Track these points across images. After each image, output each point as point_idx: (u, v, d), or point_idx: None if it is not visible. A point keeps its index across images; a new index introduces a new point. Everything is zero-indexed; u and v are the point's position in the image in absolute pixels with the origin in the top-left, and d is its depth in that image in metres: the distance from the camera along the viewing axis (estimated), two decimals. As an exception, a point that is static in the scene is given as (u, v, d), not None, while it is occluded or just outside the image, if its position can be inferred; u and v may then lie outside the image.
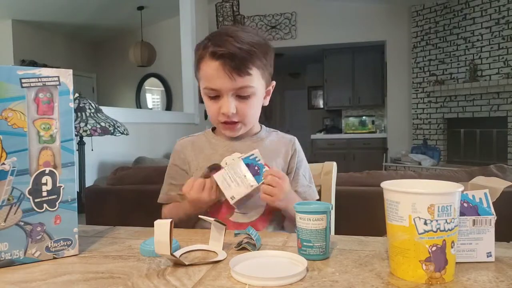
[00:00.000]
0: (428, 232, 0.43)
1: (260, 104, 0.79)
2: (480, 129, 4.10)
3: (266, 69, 0.77)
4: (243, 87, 0.73)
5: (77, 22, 4.70)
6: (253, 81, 0.74)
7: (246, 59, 0.71)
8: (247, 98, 0.75)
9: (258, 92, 0.76)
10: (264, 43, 0.76)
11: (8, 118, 0.51)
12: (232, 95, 0.74)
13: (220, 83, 0.72)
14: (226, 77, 0.72)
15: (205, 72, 0.74)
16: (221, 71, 0.71)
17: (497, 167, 1.44)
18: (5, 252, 0.51)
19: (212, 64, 0.72)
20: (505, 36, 3.80)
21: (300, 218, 0.53)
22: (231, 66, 0.71)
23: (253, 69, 0.73)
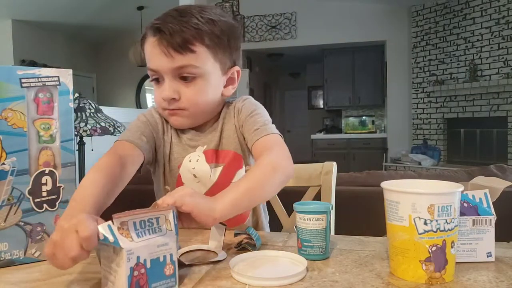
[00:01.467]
0: (428, 232, 0.43)
1: (215, 91, 0.68)
2: (480, 129, 4.10)
3: (222, 49, 0.66)
4: (183, 66, 0.63)
5: (77, 22, 4.70)
6: (198, 60, 0.63)
7: (188, 34, 0.61)
8: (191, 81, 0.64)
9: (208, 74, 0.65)
10: (226, 21, 0.66)
11: (8, 118, 0.51)
12: (174, 77, 0.64)
13: (158, 62, 0.63)
14: (162, 55, 0.62)
15: (146, 50, 0.66)
16: (157, 48, 0.62)
17: (497, 167, 1.44)
18: (5, 252, 0.51)
19: (150, 40, 0.64)
20: (505, 36, 3.80)
21: (300, 218, 0.53)
22: (167, 41, 0.61)
23: (198, 46, 0.63)
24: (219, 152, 0.72)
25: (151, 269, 0.40)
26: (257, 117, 0.70)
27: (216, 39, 0.65)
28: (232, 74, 0.71)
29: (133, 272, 0.39)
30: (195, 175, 0.71)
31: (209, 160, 0.71)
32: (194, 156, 0.71)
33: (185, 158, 0.71)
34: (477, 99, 4.03)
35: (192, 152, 0.72)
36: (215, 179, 0.71)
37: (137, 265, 0.39)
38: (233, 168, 0.72)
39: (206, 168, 0.71)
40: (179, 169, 0.72)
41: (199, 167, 0.71)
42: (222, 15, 0.68)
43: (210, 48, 0.64)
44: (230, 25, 0.68)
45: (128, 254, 0.39)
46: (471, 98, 4.09)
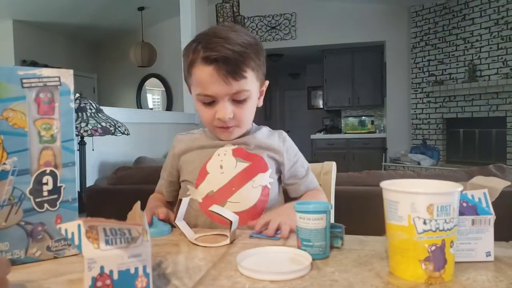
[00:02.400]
0: (427, 231, 0.43)
1: (254, 106, 0.78)
2: (479, 129, 4.11)
3: (260, 69, 0.76)
4: (239, 92, 0.71)
5: (78, 23, 4.70)
6: (248, 84, 0.72)
7: (240, 61, 0.69)
8: (243, 102, 0.73)
9: (253, 94, 0.75)
10: (255, 42, 0.74)
11: (9, 118, 0.51)
12: (228, 99, 0.72)
13: (216, 89, 0.70)
14: (221, 82, 0.69)
15: (198, 78, 0.72)
16: (215, 77, 0.69)
17: (496, 167, 1.45)
18: (6, 252, 0.51)
19: (205, 70, 0.70)
20: (504, 37, 3.80)
21: (299, 217, 0.53)
22: (226, 70, 0.69)
23: (248, 71, 0.71)
24: (249, 153, 0.78)
25: (119, 281, 0.37)
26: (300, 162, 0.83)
27: (258, 61, 0.74)
28: (262, 87, 0.81)
29: (95, 283, 0.36)
30: (222, 166, 0.77)
31: (236, 155, 0.77)
32: (222, 151, 0.78)
33: (215, 153, 0.78)
34: (476, 99, 4.04)
35: (221, 148, 0.79)
36: (237, 172, 0.76)
37: (100, 276, 0.36)
38: (258, 169, 0.78)
39: (232, 160, 0.77)
40: (207, 163, 0.78)
41: (226, 160, 0.77)
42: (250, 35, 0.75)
43: (254, 71, 0.74)
44: (259, 44, 0.76)
45: (89, 263, 0.36)
46: (470, 98, 4.09)
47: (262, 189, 0.77)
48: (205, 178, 0.77)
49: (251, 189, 0.76)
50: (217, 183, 0.76)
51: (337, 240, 0.56)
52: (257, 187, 0.76)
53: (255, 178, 0.76)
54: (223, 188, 0.75)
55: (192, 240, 0.60)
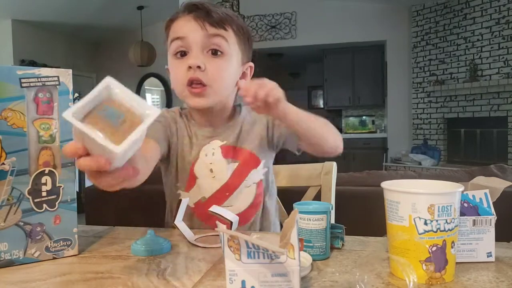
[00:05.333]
0: (428, 232, 0.43)
1: (233, 76, 0.70)
2: (480, 129, 4.10)
3: (243, 41, 0.71)
4: (215, 35, 0.66)
5: (77, 22, 4.70)
6: (229, 39, 0.67)
7: (222, 17, 0.66)
8: (219, 56, 0.66)
9: (232, 57, 0.68)
10: (243, 23, 0.72)
11: (8, 118, 0.51)
12: (203, 50, 0.66)
13: (188, 31, 0.66)
14: (197, 27, 0.65)
15: (175, 26, 0.68)
16: (192, 22, 0.66)
17: (497, 167, 1.44)
18: (4, 252, 0.51)
19: (183, 18, 0.67)
20: (505, 36, 3.79)
21: (300, 218, 0.53)
22: (204, 16, 0.65)
23: (228, 29, 0.67)
24: (236, 149, 0.73)
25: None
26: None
27: (241, 30, 0.70)
28: (246, 69, 0.74)
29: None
30: (212, 170, 0.71)
31: (225, 155, 0.72)
32: (209, 150, 0.72)
33: (201, 152, 0.72)
34: (477, 99, 4.03)
35: (207, 145, 0.72)
36: (229, 175, 0.72)
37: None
38: (248, 166, 0.73)
39: (223, 162, 0.72)
40: (194, 165, 0.72)
41: (216, 162, 0.72)
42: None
43: (236, 35, 0.69)
44: (248, 28, 0.74)
45: (230, 275, 0.32)
46: (471, 98, 4.08)
47: (256, 186, 0.73)
48: (195, 183, 0.72)
49: (244, 190, 0.72)
50: (208, 189, 0.72)
51: (337, 241, 0.56)
52: (251, 185, 0.73)
53: (247, 177, 0.73)
54: (216, 194, 0.72)
55: (192, 241, 0.60)
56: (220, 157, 0.72)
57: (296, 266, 0.34)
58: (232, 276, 0.33)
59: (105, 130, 0.31)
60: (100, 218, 1.57)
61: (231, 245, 0.33)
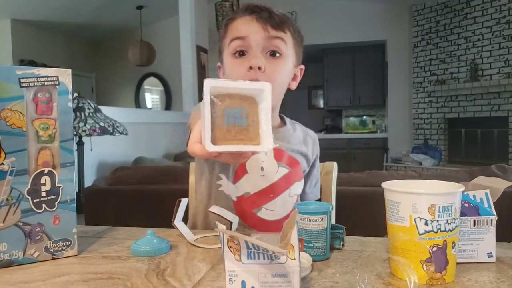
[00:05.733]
0: (429, 232, 0.43)
1: (287, 78, 0.72)
2: (481, 129, 4.10)
3: (298, 43, 0.73)
4: (276, 38, 0.67)
5: (76, 22, 4.70)
6: (287, 41, 0.69)
7: (282, 19, 0.68)
8: (277, 58, 0.68)
9: (288, 58, 0.70)
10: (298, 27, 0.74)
11: (7, 118, 0.51)
12: (262, 50, 0.67)
13: (252, 32, 0.67)
14: (259, 28, 0.66)
15: (235, 26, 0.69)
16: (254, 22, 0.67)
17: (498, 167, 1.44)
18: (4, 253, 0.51)
19: (245, 18, 0.68)
20: (506, 36, 3.79)
21: (300, 218, 0.53)
22: (266, 18, 0.66)
23: (287, 32, 0.69)
24: (291, 158, 0.74)
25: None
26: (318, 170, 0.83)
27: (297, 33, 0.72)
28: (297, 72, 0.76)
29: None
30: (263, 168, 0.72)
31: (277, 158, 0.73)
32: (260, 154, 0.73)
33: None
34: (478, 99, 4.03)
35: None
36: (278, 178, 0.72)
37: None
38: (295, 177, 0.75)
39: (274, 163, 0.73)
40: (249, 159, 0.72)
41: (268, 161, 0.72)
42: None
43: (293, 37, 0.71)
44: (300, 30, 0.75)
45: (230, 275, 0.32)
46: (472, 98, 4.08)
47: (296, 199, 0.75)
48: (243, 177, 0.72)
49: (287, 198, 0.73)
50: (255, 185, 0.71)
51: (338, 241, 0.56)
52: (293, 196, 0.74)
53: (292, 187, 0.74)
54: (261, 192, 0.71)
55: (191, 241, 0.60)
56: (271, 158, 0.73)
57: (296, 266, 0.34)
58: (232, 276, 0.33)
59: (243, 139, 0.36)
60: (99, 219, 1.57)
61: (230, 246, 0.33)
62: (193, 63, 3.47)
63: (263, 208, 0.71)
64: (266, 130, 0.38)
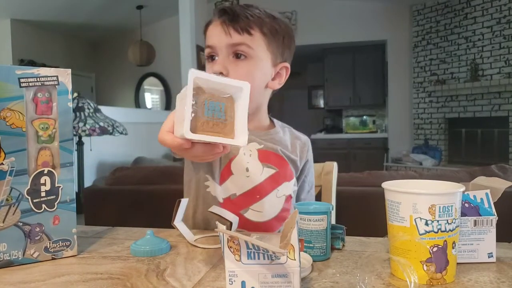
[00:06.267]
0: (429, 232, 0.43)
1: (262, 78, 0.70)
2: (482, 129, 4.10)
3: (276, 42, 0.70)
4: (238, 44, 0.67)
5: (76, 22, 4.70)
6: (253, 42, 0.67)
7: (249, 19, 0.67)
8: (243, 60, 0.68)
9: (259, 60, 0.69)
10: (284, 22, 0.72)
11: (7, 118, 0.51)
12: (227, 55, 0.68)
13: (215, 39, 0.68)
14: (222, 33, 0.67)
15: (209, 31, 0.71)
16: (219, 27, 0.68)
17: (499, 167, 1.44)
18: (3, 253, 0.51)
19: (215, 21, 0.70)
20: (507, 36, 3.79)
21: (300, 218, 0.53)
22: (229, 21, 0.67)
23: (256, 31, 0.68)
24: (278, 156, 0.74)
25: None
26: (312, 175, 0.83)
27: (273, 31, 0.70)
28: (280, 70, 0.74)
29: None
30: (248, 169, 0.72)
31: (261, 159, 0.73)
32: (247, 151, 0.73)
33: (241, 150, 0.73)
34: (478, 99, 4.03)
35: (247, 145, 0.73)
36: (263, 179, 0.72)
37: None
38: (283, 177, 0.74)
39: (258, 165, 0.72)
40: (232, 161, 0.72)
41: (252, 162, 0.72)
42: (282, 17, 0.73)
43: (266, 37, 0.69)
44: (288, 25, 0.73)
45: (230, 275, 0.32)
46: (472, 98, 4.08)
47: (285, 199, 0.74)
48: (229, 178, 0.72)
49: (275, 199, 0.73)
50: (241, 186, 0.72)
51: (338, 241, 0.55)
52: (281, 196, 0.74)
53: (279, 187, 0.73)
54: (247, 193, 0.72)
55: (191, 242, 0.60)
56: (255, 160, 0.72)
57: (297, 267, 0.33)
58: (232, 277, 0.33)
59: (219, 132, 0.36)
60: (99, 219, 1.57)
61: (231, 246, 0.32)
62: (193, 63, 3.47)
63: (250, 210, 0.71)
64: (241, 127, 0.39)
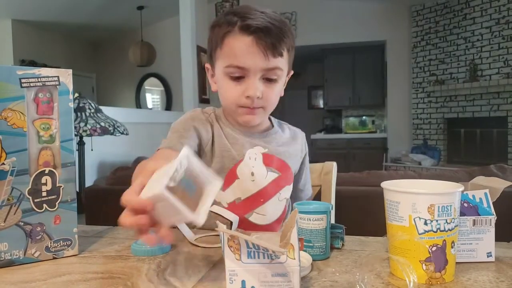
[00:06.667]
0: (428, 232, 0.43)
1: (281, 91, 0.72)
2: (480, 129, 4.10)
3: (292, 52, 0.70)
4: (274, 69, 0.65)
5: (77, 22, 4.70)
6: (283, 63, 0.67)
7: (280, 36, 0.64)
8: (274, 82, 0.67)
9: (283, 77, 0.70)
10: (288, 23, 0.69)
11: (8, 118, 0.51)
12: (260, 77, 0.65)
13: (251, 62, 0.63)
14: (260, 55, 0.63)
15: (233, 47, 0.64)
16: (254, 48, 0.63)
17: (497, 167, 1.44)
18: (5, 252, 0.51)
19: (244, 39, 0.63)
20: (505, 36, 3.79)
21: (300, 218, 0.53)
22: (266, 42, 0.62)
23: (285, 50, 0.66)
24: (282, 162, 0.74)
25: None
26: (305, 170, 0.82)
27: (292, 42, 0.69)
28: (288, 75, 0.74)
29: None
30: (253, 173, 0.71)
31: (266, 163, 0.72)
32: (252, 154, 0.72)
33: (246, 154, 0.72)
34: (477, 99, 4.03)
35: (251, 149, 0.72)
36: (268, 183, 0.72)
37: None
38: (285, 181, 0.74)
39: (263, 169, 0.72)
40: (238, 166, 0.71)
41: (257, 167, 0.72)
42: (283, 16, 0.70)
43: (288, 52, 0.68)
44: (291, 28, 0.71)
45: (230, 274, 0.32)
46: (471, 98, 4.08)
47: (285, 202, 0.74)
48: (234, 182, 0.71)
49: (277, 202, 0.73)
50: (246, 191, 0.71)
51: (337, 241, 0.56)
52: (282, 200, 0.73)
53: (281, 191, 0.73)
54: (252, 197, 0.71)
55: (192, 241, 0.60)
56: (261, 163, 0.72)
57: (296, 266, 0.34)
58: (232, 276, 0.33)
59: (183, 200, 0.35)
60: (100, 218, 1.57)
61: (231, 245, 0.33)
62: (193, 63, 3.47)
63: (254, 213, 0.71)
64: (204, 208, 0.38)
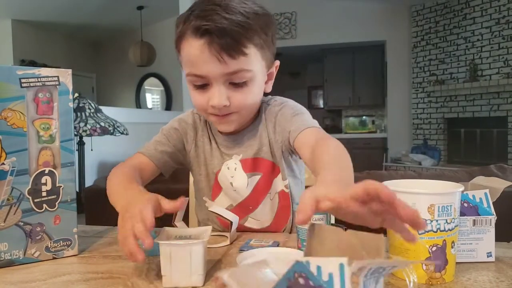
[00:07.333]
0: (428, 232, 0.43)
1: (260, 90, 0.64)
2: (480, 129, 4.10)
3: (267, 46, 0.61)
4: (237, 72, 0.57)
5: (76, 22, 4.70)
6: (251, 63, 0.58)
7: (240, 34, 0.55)
8: (243, 86, 0.59)
9: (258, 77, 0.61)
10: (263, 12, 0.59)
11: (8, 118, 0.51)
12: (224, 82, 0.58)
13: (207, 68, 0.56)
14: (214, 60, 0.55)
15: (187, 53, 0.58)
16: (206, 53, 0.55)
17: (497, 167, 1.45)
18: (4, 252, 0.51)
19: (195, 44, 0.56)
20: (505, 36, 3.79)
21: (300, 218, 0.53)
22: (220, 45, 0.54)
23: (250, 47, 0.57)
24: (258, 160, 0.68)
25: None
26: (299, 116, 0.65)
27: (264, 36, 0.59)
28: (271, 69, 0.66)
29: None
30: (232, 184, 0.68)
31: (246, 169, 0.68)
32: (231, 164, 0.68)
33: (223, 165, 0.69)
34: (477, 99, 4.03)
35: (229, 159, 0.69)
36: (251, 189, 0.69)
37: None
38: (270, 176, 0.69)
39: (243, 178, 0.68)
40: (218, 176, 0.69)
41: (237, 177, 0.68)
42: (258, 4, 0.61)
43: (258, 48, 0.59)
44: (268, 15, 0.61)
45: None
46: (471, 98, 4.09)
47: (279, 196, 0.69)
48: (221, 192, 0.70)
49: (269, 202, 0.69)
50: (234, 198, 0.69)
51: None
52: (274, 196, 0.69)
53: (271, 190, 0.69)
54: (241, 204, 0.69)
55: None
56: (240, 172, 0.68)
57: None
58: None
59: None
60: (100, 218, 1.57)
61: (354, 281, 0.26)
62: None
63: (249, 218, 0.70)
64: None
